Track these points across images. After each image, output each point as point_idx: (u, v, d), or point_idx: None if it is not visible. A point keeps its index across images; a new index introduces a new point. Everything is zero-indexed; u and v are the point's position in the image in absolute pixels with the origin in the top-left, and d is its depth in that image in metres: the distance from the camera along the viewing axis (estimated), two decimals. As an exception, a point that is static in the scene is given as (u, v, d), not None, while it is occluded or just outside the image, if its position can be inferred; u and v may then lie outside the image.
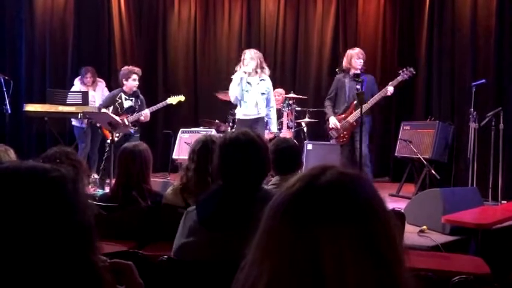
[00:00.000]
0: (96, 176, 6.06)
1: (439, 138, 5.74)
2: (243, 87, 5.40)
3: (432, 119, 6.09)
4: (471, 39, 5.88)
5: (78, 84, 6.80)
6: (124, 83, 5.99)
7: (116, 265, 1.17)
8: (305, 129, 7.11)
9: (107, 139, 5.95)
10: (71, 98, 6.38)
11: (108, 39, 7.98)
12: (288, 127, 6.77)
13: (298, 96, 7.09)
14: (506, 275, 2.54)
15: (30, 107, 6.39)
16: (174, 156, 6.80)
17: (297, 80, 8.17)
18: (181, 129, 6.93)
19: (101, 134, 6.34)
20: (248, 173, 1.86)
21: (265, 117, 5.62)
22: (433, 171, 5.50)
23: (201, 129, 6.93)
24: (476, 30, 5.86)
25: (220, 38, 8.43)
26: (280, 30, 8.28)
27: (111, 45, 8.00)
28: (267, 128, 5.77)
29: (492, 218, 3.63)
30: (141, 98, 6.12)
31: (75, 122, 6.67)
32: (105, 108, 5.95)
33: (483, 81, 5.36)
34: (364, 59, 5.71)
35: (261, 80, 5.48)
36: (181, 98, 6.40)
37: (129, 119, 5.91)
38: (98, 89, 6.88)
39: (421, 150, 5.72)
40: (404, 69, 5.69)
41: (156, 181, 4.64)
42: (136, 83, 5.99)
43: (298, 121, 7.10)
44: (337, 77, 5.87)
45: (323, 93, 7.61)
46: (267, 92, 5.52)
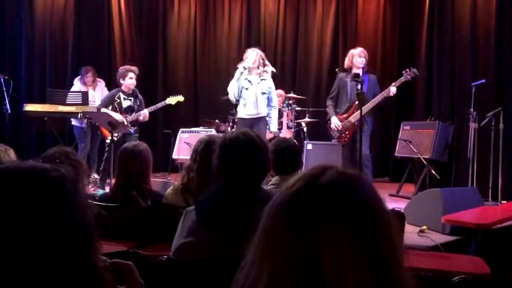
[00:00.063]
0: (96, 176, 6.06)
1: (439, 138, 5.74)
2: (241, 83, 5.39)
3: (432, 119, 6.09)
4: (471, 39, 5.89)
5: (78, 84, 6.81)
6: (121, 82, 5.98)
7: (116, 265, 1.17)
8: (305, 129, 7.12)
9: (106, 139, 5.96)
10: (71, 98, 6.38)
11: (108, 39, 7.98)
12: (288, 127, 6.77)
13: (298, 96, 7.09)
14: (506, 275, 2.54)
15: (30, 107, 6.40)
16: (174, 156, 6.80)
17: (297, 80, 8.17)
18: (181, 129, 6.93)
19: (100, 133, 6.34)
20: (248, 173, 1.86)
21: (267, 117, 5.58)
22: (433, 171, 5.50)
23: (201, 129, 6.93)
24: (476, 31, 5.86)
25: (220, 38, 8.43)
26: (280, 30, 8.29)
27: (111, 45, 8.00)
28: (267, 127, 5.76)
29: (492, 218, 3.62)
30: (140, 98, 6.12)
31: (75, 122, 6.67)
32: (104, 108, 5.95)
33: (483, 81, 5.36)
34: (366, 58, 5.66)
35: (262, 79, 5.47)
36: (180, 98, 6.40)
37: (127, 118, 5.91)
38: (98, 89, 6.88)
39: (421, 150, 5.72)
40: (408, 69, 5.64)
41: (156, 181, 4.64)
42: (134, 81, 5.98)
43: (298, 121, 7.11)
44: (339, 76, 5.83)
45: (323, 93, 7.63)
46: (267, 91, 5.50)
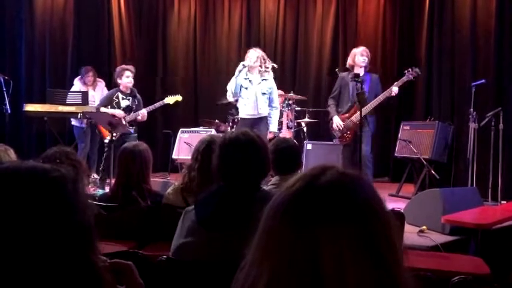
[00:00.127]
0: (96, 176, 6.06)
1: (439, 138, 5.74)
2: (241, 82, 5.37)
3: (432, 119, 6.09)
4: (471, 39, 5.89)
5: (78, 84, 6.81)
6: (119, 81, 5.98)
7: (116, 265, 1.17)
8: (305, 129, 7.11)
9: (104, 138, 5.96)
10: (71, 98, 6.38)
11: (108, 39, 7.98)
12: (287, 127, 6.77)
13: (298, 97, 7.08)
14: (506, 275, 2.54)
15: (30, 107, 6.40)
16: (174, 156, 6.80)
17: (296, 80, 8.16)
18: (181, 129, 6.92)
19: (98, 132, 6.34)
20: (248, 173, 1.86)
21: (267, 117, 5.56)
22: (433, 172, 5.50)
23: (201, 129, 6.93)
24: (476, 31, 5.86)
25: (220, 37, 8.43)
26: (280, 30, 8.28)
27: (111, 45, 7.99)
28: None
29: (492, 218, 3.63)
30: (138, 97, 6.11)
31: (75, 121, 6.67)
32: (103, 108, 5.96)
33: (483, 81, 5.36)
34: (368, 57, 5.63)
35: (263, 79, 5.46)
36: (179, 97, 6.40)
37: (126, 118, 5.91)
38: (98, 89, 6.88)
39: (421, 150, 5.72)
40: (410, 69, 5.60)
41: (156, 181, 4.64)
42: (131, 79, 5.96)
43: (298, 121, 7.10)
44: (341, 75, 5.80)
45: (323, 93, 7.63)
46: (268, 92, 5.50)
